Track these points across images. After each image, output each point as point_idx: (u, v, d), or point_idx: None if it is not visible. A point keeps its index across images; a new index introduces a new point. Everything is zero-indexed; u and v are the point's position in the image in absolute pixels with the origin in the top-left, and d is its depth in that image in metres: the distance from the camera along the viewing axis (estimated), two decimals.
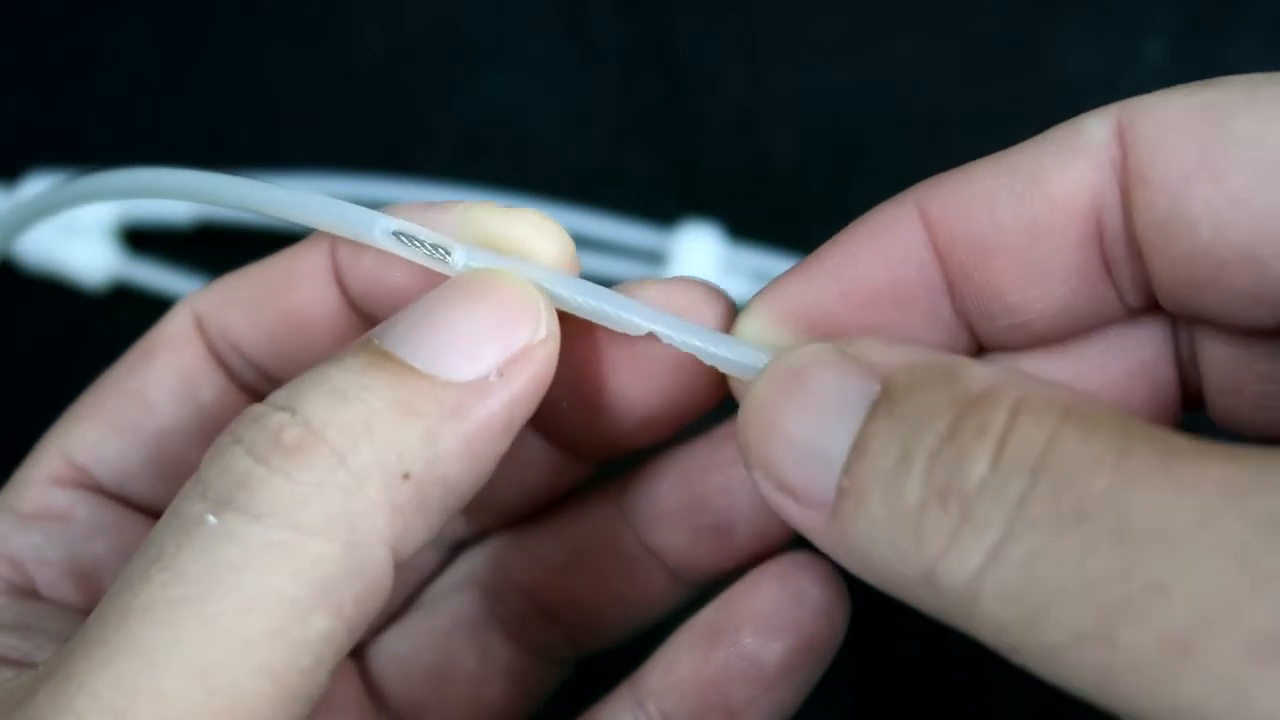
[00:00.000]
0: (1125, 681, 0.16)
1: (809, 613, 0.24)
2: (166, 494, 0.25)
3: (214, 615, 0.18)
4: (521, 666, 0.27)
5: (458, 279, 0.21)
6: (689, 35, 0.47)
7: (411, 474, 0.19)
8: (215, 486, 0.19)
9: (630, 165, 0.45)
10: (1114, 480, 0.16)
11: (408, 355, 0.20)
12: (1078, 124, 0.21)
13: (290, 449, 0.19)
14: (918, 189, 0.21)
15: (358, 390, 0.19)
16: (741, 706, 0.24)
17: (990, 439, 0.17)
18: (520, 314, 0.21)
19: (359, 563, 0.19)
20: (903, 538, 0.18)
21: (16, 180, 0.44)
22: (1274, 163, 0.19)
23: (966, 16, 0.47)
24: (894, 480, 0.18)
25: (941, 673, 0.38)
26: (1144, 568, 0.15)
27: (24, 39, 0.48)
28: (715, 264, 0.42)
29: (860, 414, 0.19)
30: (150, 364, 0.25)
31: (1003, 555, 0.16)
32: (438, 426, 0.19)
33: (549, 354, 0.21)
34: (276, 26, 0.48)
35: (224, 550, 0.18)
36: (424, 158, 0.45)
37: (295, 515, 0.18)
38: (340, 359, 0.20)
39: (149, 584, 0.18)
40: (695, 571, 0.26)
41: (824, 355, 0.20)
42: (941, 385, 0.18)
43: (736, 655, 0.24)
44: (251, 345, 0.25)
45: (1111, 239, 0.21)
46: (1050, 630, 0.16)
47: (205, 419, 0.25)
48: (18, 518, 0.24)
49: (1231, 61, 0.45)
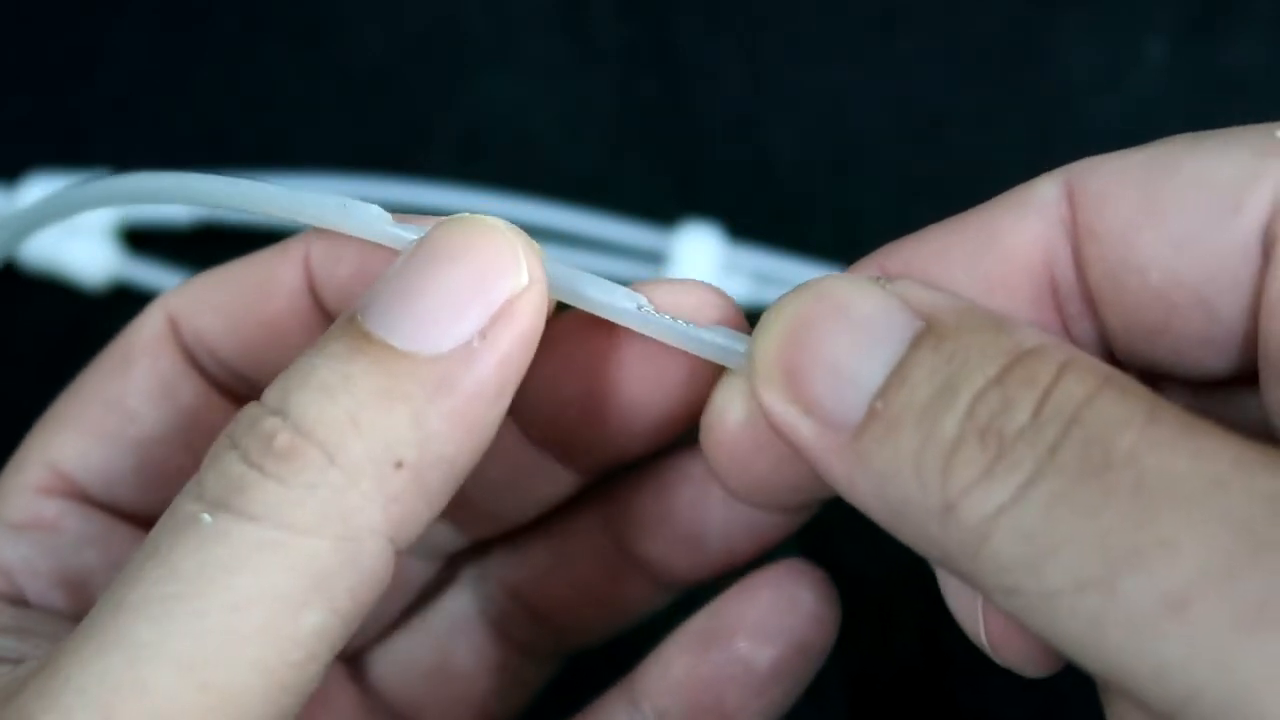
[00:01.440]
0: (1116, 635, 0.16)
1: (801, 618, 0.25)
2: (153, 501, 0.25)
3: (205, 612, 0.18)
4: (512, 664, 0.28)
5: (431, 236, 0.21)
6: (689, 35, 0.47)
7: (404, 461, 0.19)
8: (211, 489, 0.19)
9: (630, 165, 0.45)
10: (1139, 439, 0.17)
11: (386, 333, 0.19)
12: (1030, 186, 0.21)
13: (282, 453, 0.19)
14: (879, 253, 0.22)
15: (342, 382, 0.19)
16: (734, 708, 0.25)
17: (1037, 389, 0.18)
18: (497, 265, 0.20)
19: (354, 556, 0.19)
20: (930, 468, 0.18)
21: (16, 180, 0.44)
22: (1214, 203, 0.19)
23: (966, 16, 0.47)
24: (932, 412, 0.18)
25: (938, 673, 0.38)
26: (1155, 523, 0.16)
27: (24, 39, 0.48)
28: (715, 264, 0.42)
29: (900, 344, 0.19)
30: (128, 370, 0.25)
31: (1026, 496, 0.17)
32: (424, 408, 0.19)
33: (534, 302, 0.20)
34: (276, 26, 0.48)
35: (217, 549, 0.18)
36: (424, 158, 0.45)
37: (289, 516, 0.18)
38: (326, 345, 0.20)
39: (143, 580, 0.18)
40: (673, 578, 0.27)
41: (862, 283, 0.20)
42: (993, 332, 0.19)
43: (730, 659, 0.25)
44: (227, 351, 0.25)
45: (1066, 294, 0.21)
46: (1054, 574, 0.16)
47: (186, 423, 0.25)
48: (7, 528, 0.24)
49: (1232, 61, 0.45)
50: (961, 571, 0.18)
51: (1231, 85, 0.45)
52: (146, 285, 0.43)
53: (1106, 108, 0.45)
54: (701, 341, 0.22)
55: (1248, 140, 0.19)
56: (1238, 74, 0.45)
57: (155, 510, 0.25)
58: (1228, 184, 0.19)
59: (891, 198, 0.42)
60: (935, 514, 0.18)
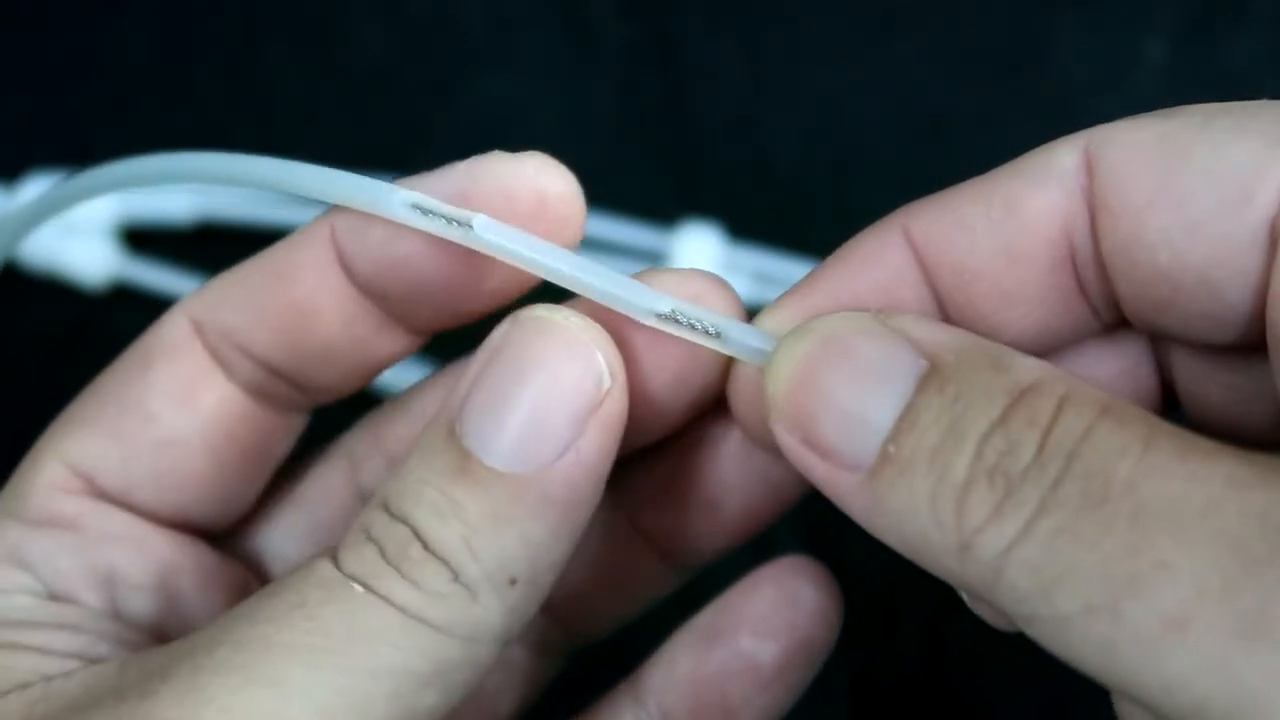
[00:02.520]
0: (1126, 655, 0.17)
1: (804, 615, 0.26)
2: (171, 503, 0.25)
3: (350, 670, 0.20)
4: (518, 660, 0.28)
5: (511, 345, 0.21)
6: (689, 35, 0.47)
7: (518, 578, 0.21)
8: (354, 568, 0.20)
9: (630, 165, 0.45)
10: (1136, 468, 0.17)
11: (484, 454, 0.21)
12: (1049, 151, 0.21)
13: (416, 562, 0.20)
14: (902, 212, 0.22)
15: (451, 508, 0.21)
16: (738, 705, 0.26)
17: (1038, 429, 0.18)
18: (582, 373, 0.21)
19: (473, 653, 0.21)
20: (944, 509, 0.18)
21: (16, 180, 0.44)
22: (1225, 193, 0.19)
23: (966, 16, 0.47)
24: (942, 454, 0.19)
25: (940, 673, 0.38)
26: (1152, 547, 0.17)
27: (24, 39, 0.48)
28: (715, 264, 0.42)
29: (907, 385, 0.19)
30: (148, 373, 0.25)
31: (1033, 531, 0.18)
32: (531, 526, 0.21)
33: (618, 400, 0.21)
34: (276, 26, 0.48)
35: (368, 619, 0.20)
36: (424, 158, 0.45)
37: (425, 613, 0.20)
38: (431, 460, 0.21)
39: (292, 628, 0.20)
40: (685, 551, 0.27)
41: (866, 323, 0.20)
42: (992, 371, 0.19)
43: (734, 655, 0.26)
44: (257, 343, 0.25)
45: (1083, 261, 0.21)
46: (1063, 602, 0.17)
47: (205, 426, 0.25)
48: (27, 525, 0.24)
49: (1232, 61, 0.45)
50: (985, 600, 0.19)
51: (1231, 85, 0.45)
52: (146, 285, 0.43)
53: (1106, 108, 0.44)
54: (729, 342, 0.22)
55: (1260, 126, 0.20)
56: (1238, 74, 0.45)
57: (173, 510, 0.25)
58: (1239, 173, 0.19)
59: (891, 198, 0.42)
60: (952, 552, 0.18)
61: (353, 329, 0.24)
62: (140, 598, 0.24)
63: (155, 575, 0.25)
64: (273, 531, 0.27)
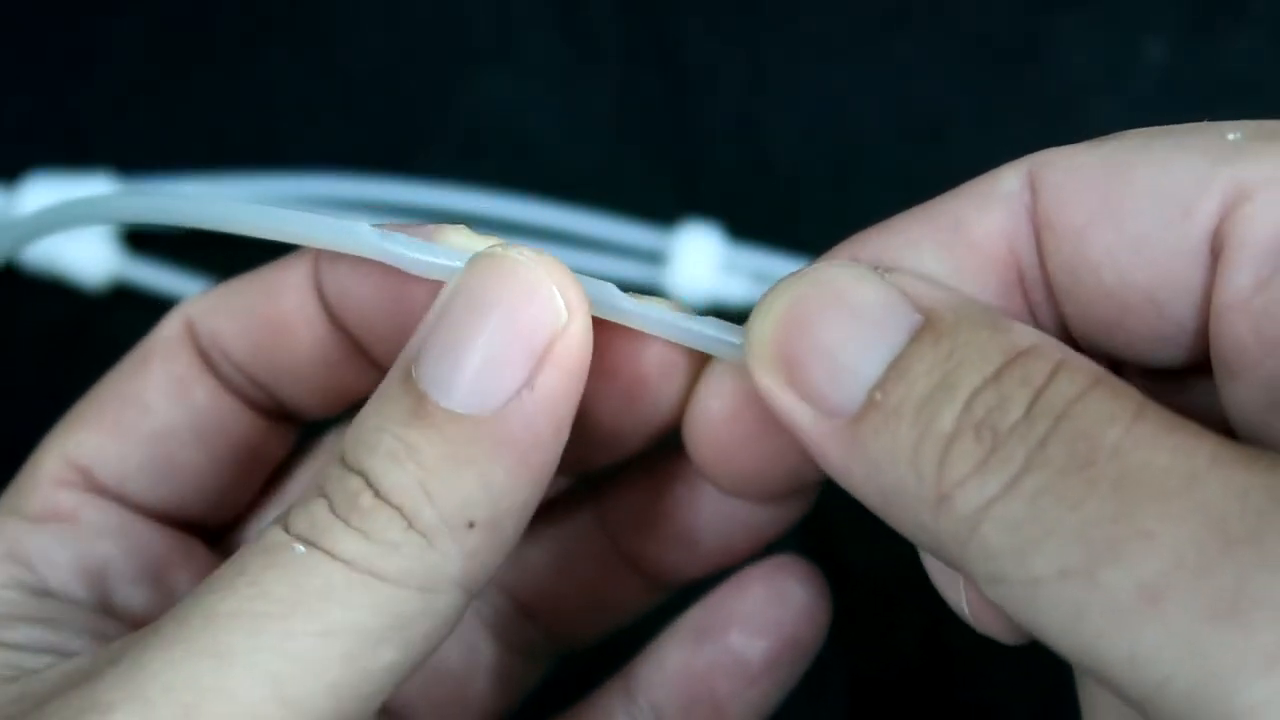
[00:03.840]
0: (1095, 623, 0.16)
1: (792, 613, 0.26)
2: (165, 496, 0.25)
3: (295, 633, 0.19)
4: (505, 663, 0.28)
5: (465, 284, 0.21)
6: (689, 35, 0.47)
7: (477, 521, 0.20)
8: (300, 527, 0.20)
9: (630, 165, 0.45)
10: (1124, 435, 0.17)
11: (440, 396, 0.20)
12: (994, 174, 0.21)
13: (366, 511, 0.20)
14: (851, 241, 0.22)
15: (408, 451, 0.20)
16: (727, 700, 0.26)
17: (1031, 388, 0.18)
18: (534, 308, 0.20)
19: (432, 605, 0.20)
20: (926, 460, 0.18)
21: (16, 180, 0.44)
22: (1166, 208, 0.19)
23: (966, 16, 0.47)
24: (930, 406, 0.19)
25: (938, 672, 0.38)
26: (1134, 515, 0.17)
27: (24, 39, 0.48)
28: (715, 264, 0.42)
29: (900, 336, 0.19)
30: (145, 368, 0.25)
31: (1015, 488, 0.17)
32: (489, 467, 0.20)
33: (576, 337, 0.21)
34: (276, 27, 0.48)
35: (310, 578, 0.19)
36: (424, 158, 0.45)
37: (374, 565, 0.19)
38: (386, 406, 0.20)
39: (235, 595, 0.19)
40: (666, 577, 0.27)
41: (863, 274, 0.20)
42: (990, 330, 0.19)
43: (723, 652, 0.26)
44: (238, 351, 0.25)
45: (1031, 284, 0.21)
46: (1038, 563, 0.17)
47: (199, 421, 0.25)
48: (26, 520, 0.24)
49: (1231, 61, 0.45)
50: (950, 558, 0.18)
51: (1231, 85, 0.45)
52: (146, 285, 0.43)
53: (1106, 108, 0.45)
54: (692, 332, 0.22)
55: (1200, 144, 0.19)
56: (1238, 74, 0.45)
57: (167, 504, 0.25)
58: (1179, 190, 0.19)
59: (891, 198, 0.42)
60: (929, 504, 0.18)
61: (324, 352, 0.25)
62: (133, 592, 0.25)
63: (148, 570, 0.25)
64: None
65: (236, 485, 0.26)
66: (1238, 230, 0.19)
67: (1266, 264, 0.19)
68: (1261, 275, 0.19)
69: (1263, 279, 0.19)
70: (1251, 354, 0.19)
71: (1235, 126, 0.20)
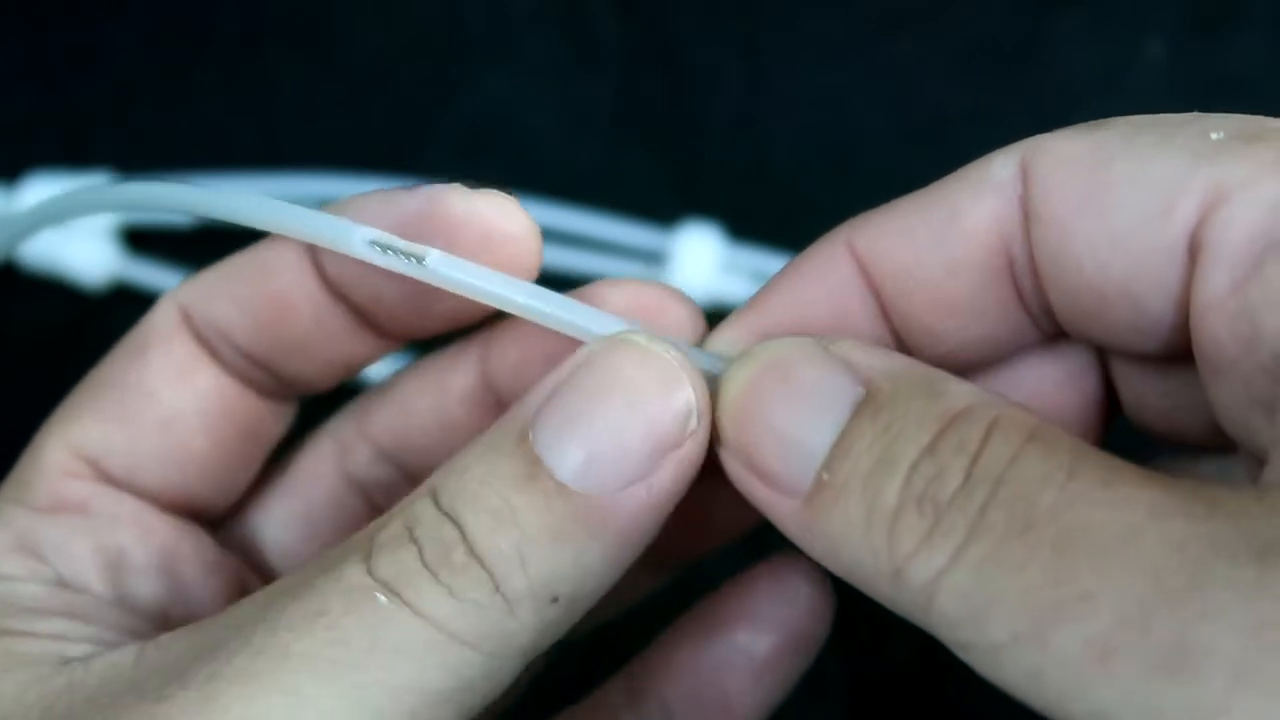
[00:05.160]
0: (1053, 684, 0.17)
1: (798, 609, 0.26)
2: (174, 483, 0.25)
3: (367, 684, 0.19)
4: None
5: (604, 360, 0.21)
6: (689, 35, 0.47)
7: (560, 597, 0.20)
8: (384, 572, 0.20)
9: (630, 165, 0.45)
10: (1060, 496, 0.17)
11: (556, 466, 0.20)
12: (988, 161, 0.21)
13: (458, 567, 0.20)
14: (847, 225, 0.22)
15: (511, 515, 0.20)
16: (733, 695, 0.26)
17: (965, 455, 0.18)
18: (672, 407, 0.20)
19: (497, 670, 0.20)
20: (877, 536, 0.18)
21: (16, 180, 0.44)
22: (1147, 205, 0.19)
23: (966, 16, 0.47)
24: (874, 481, 0.19)
25: (936, 673, 0.38)
26: (1074, 576, 0.17)
27: (24, 39, 0.48)
28: (715, 264, 0.42)
29: (843, 412, 0.19)
30: (144, 357, 0.25)
31: (961, 558, 0.17)
32: (586, 546, 0.20)
33: (700, 443, 0.21)
34: (276, 26, 0.48)
35: (389, 633, 0.19)
36: (424, 158, 0.45)
37: (454, 625, 0.20)
38: (497, 460, 0.20)
39: (313, 637, 0.19)
40: (676, 555, 0.28)
41: (808, 349, 0.20)
42: (925, 398, 0.19)
43: (729, 648, 0.26)
44: (239, 333, 0.25)
45: (1020, 272, 0.21)
46: (993, 629, 0.17)
47: (204, 406, 0.25)
48: (35, 512, 0.24)
49: (1231, 61, 0.45)
50: (921, 625, 0.19)
51: (1231, 85, 0.45)
52: (146, 285, 0.43)
53: (1106, 108, 0.45)
54: None
55: (1182, 141, 0.20)
56: (1238, 74, 0.45)
57: (176, 492, 0.25)
58: (1159, 189, 0.19)
59: (891, 198, 0.42)
60: (886, 578, 0.18)
61: (325, 326, 0.25)
62: (146, 582, 0.25)
63: (160, 559, 0.25)
64: (264, 518, 0.28)
65: (241, 469, 0.26)
66: (1215, 232, 0.19)
67: (1241, 266, 0.19)
68: (1237, 277, 0.19)
69: (1238, 281, 0.19)
70: (1229, 353, 0.19)
71: (1221, 122, 0.20)
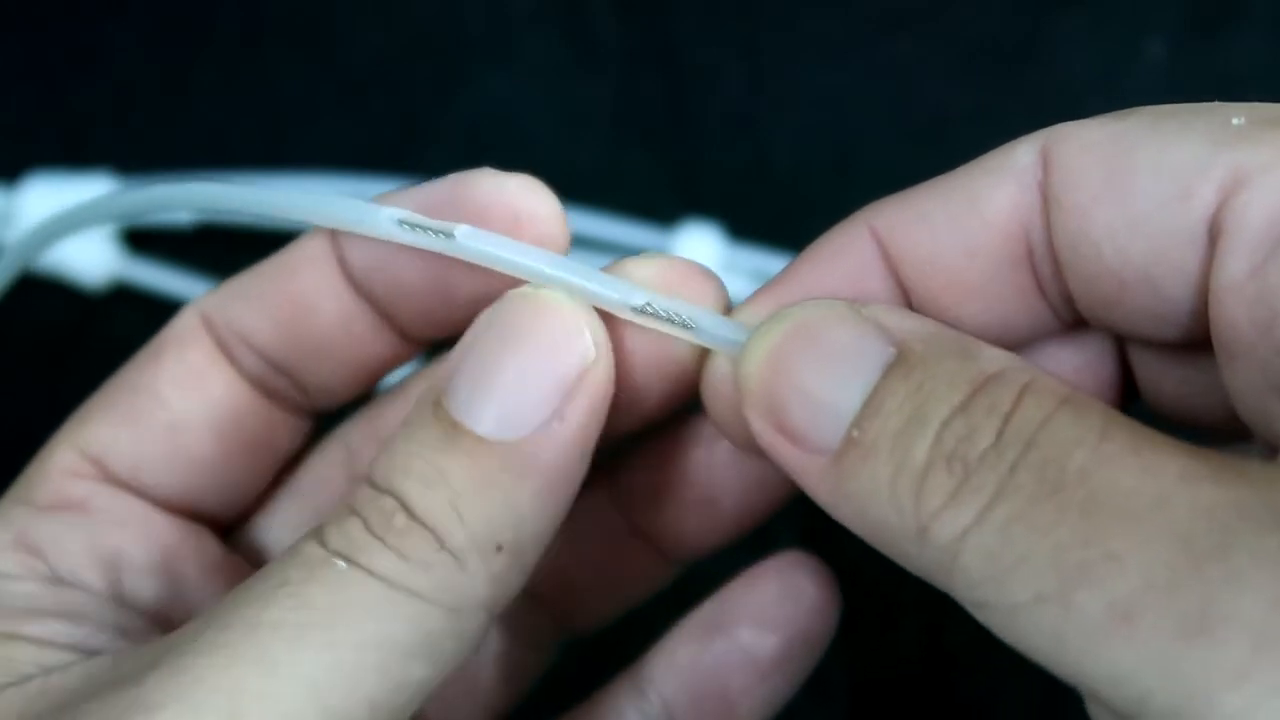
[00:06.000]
0: (1074, 645, 0.17)
1: (803, 609, 0.26)
2: (178, 486, 0.25)
3: (336, 644, 0.19)
4: (512, 653, 0.28)
5: (499, 317, 0.22)
6: (689, 35, 0.47)
7: (503, 544, 0.21)
8: (336, 543, 0.20)
9: (630, 165, 0.45)
10: (1091, 457, 0.18)
11: (472, 422, 0.21)
12: (1010, 148, 0.22)
13: (401, 531, 0.20)
14: (867, 210, 0.23)
15: (439, 475, 0.21)
16: (738, 695, 0.26)
17: (997, 416, 0.18)
18: (565, 344, 0.21)
19: (459, 624, 0.21)
20: (904, 493, 0.19)
21: (16, 180, 0.44)
22: (1166, 190, 0.20)
23: (966, 16, 0.47)
24: (904, 439, 0.19)
25: (939, 671, 0.38)
26: (1102, 538, 0.17)
27: (24, 39, 0.48)
28: (715, 264, 0.42)
29: (874, 373, 0.20)
30: (158, 360, 0.25)
31: (988, 517, 0.18)
32: (514, 491, 0.21)
33: (604, 374, 0.22)
34: (276, 26, 0.48)
35: (351, 592, 0.20)
36: (424, 158, 0.45)
37: (409, 582, 0.20)
38: (418, 432, 0.21)
39: (277, 605, 0.20)
40: (683, 548, 0.27)
41: (839, 310, 0.21)
42: (958, 359, 0.19)
43: (734, 647, 0.26)
44: (259, 334, 0.25)
45: (1039, 258, 0.22)
46: (1015, 589, 0.17)
47: (214, 412, 0.25)
48: (36, 509, 0.24)
49: (1231, 61, 0.45)
50: (941, 586, 0.19)
51: (1231, 85, 0.45)
52: (146, 285, 0.43)
53: (1106, 108, 0.45)
54: (702, 334, 0.22)
55: (1203, 127, 0.20)
56: (1238, 74, 0.45)
57: (180, 495, 0.25)
58: (1180, 171, 0.20)
59: None
60: (911, 536, 0.19)
61: (350, 327, 0.25)
62: (144, 582, 0.25)
63: (160, 560, 0.25)
64: (272, 523, 0.28)
65: (249, 477, 0.26)
66: (1234, 216, 0.19)
67: (1260, 250, 0.19)
68: (1255, 261, 0.19)
69: (1257, 265, 0.19)
70: (1247, 338, 0.19)
71: (1242, 109, 0.20)
